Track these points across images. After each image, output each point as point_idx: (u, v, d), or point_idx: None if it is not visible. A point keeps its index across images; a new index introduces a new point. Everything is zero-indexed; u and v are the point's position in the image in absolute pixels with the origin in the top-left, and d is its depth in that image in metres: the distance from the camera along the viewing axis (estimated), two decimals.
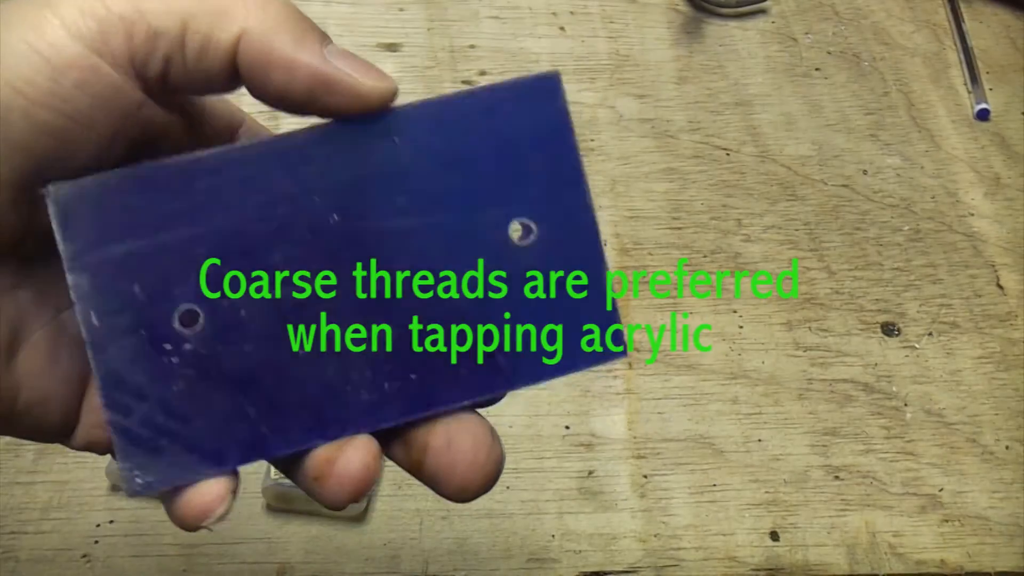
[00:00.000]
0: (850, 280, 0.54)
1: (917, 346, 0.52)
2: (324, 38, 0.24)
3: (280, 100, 0.24)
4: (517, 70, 0.60)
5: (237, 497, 0.25)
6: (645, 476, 0.47)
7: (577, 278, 0.26)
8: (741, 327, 0.52)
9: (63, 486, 0.44)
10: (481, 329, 0.25)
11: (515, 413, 0.48)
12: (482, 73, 0.60)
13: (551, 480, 0.46)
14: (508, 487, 0.45)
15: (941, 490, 0.48)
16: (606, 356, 0.26)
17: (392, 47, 0.61)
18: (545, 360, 0.25)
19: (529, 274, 0.25)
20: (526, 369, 0.25)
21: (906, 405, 0.50)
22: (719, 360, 0.51)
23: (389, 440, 0.26)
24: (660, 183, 0.57)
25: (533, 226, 0.26)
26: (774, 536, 0.46)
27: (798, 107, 0.61)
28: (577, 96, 0.60)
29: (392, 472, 0.45)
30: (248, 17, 0.23)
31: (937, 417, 0.50)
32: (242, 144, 0.24)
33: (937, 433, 0.49)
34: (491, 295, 0.25)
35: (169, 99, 0.24)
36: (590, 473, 0.46)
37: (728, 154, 0.59)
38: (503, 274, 0.25)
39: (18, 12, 0.22)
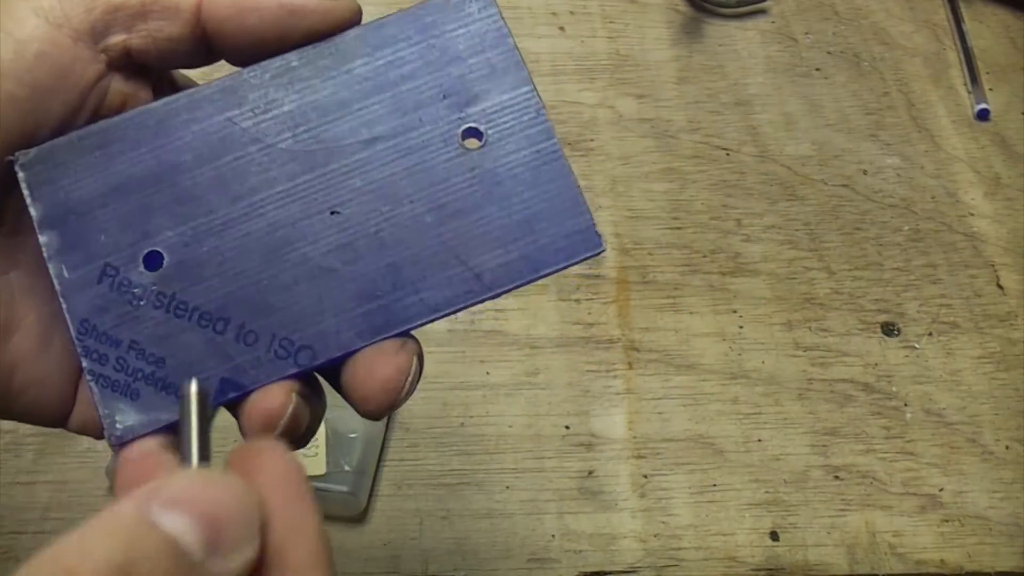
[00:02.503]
0: (850, 280, 0.54)
1: (917, 346, 0.52)
2: None
3: (257, 43, 0.25)
4: None
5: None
6: (645, 476, 0.47)
7: (534, 179, 0.25)
8: (741, 327, 0.52)
9: (63, 486, 0.44)
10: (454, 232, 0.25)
11: (515, 413, 0.48)
12: None
13: (551, 480, 0.46)
14: (508, 487, 0.45)
15: (941, 490, 0.48)
16: (576, 253, 0.25)
17: None
18: (511, 266, 0.25)
19: (485, 181, 0.25)
20: (495, 278, 0.25)
21: (906, 405, 0.50)
22: (719, 360, 0.51)
23: None
24: (660, 183, 0.57)
25: (482, 129, 0.26)
26: (774, 536, 0.46)
27: (798, 107, 0.61)
28: (577, 96, 0.60)
29: (392, 472, 0.45)
30: None
31: (937, 417, 0.50)
32: (189, 90, 0.25)
33: (937, 433, 0.49)
34: (450, 210, 0.25)
35: (137, 72, 0.26)
36: (590, 473, 0.46)
37: (728, 154, 0.59)
38: (458, 184, 0.25)
39: None
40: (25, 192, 0.24)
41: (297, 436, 0.24)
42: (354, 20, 0.26)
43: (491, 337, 0.50)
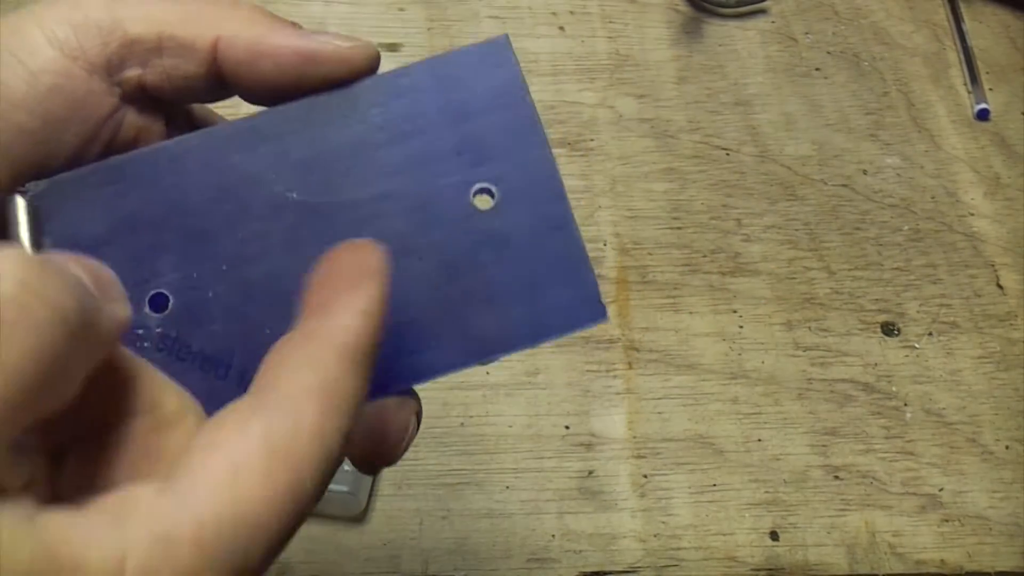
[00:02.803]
0: (850, 280, 0.54)
1: (917, 346, 0.52)
2: (296, 24, 0.25)
3: (273, 88, 0.25)
4: None
5: None
6: (645, 476, 0.47)
7: (542, 244, 0.25)
8: (741, 327, 0.52)
9: None
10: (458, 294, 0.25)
11: (515, 413, 0.48)
12: None
13: (551, 480, 0.46)
14: (508, 487, 0.45)
15: (941, 490, 0.48)
16: (578, 322, 0.25)
17: (392, 47, 0.61)
18: (513, 330, 0.25)
19: (493, 243, 0.25)
20: (497, 343, 0.25)
21: (906, 405, 0.50)
22: (719, 360, 0.51)
23: None
24: (660, 183, 0.57)
25: (494, 189, 0.25)
26: (774, 536, 0.46)
27: (798, 107, 0.61)
28: (577, 96, 0.60)
29: (392, 472, 0.45)
30: (222, 21, 0.24)
31: (937, 417, 0.50)
32: (203, 130, 0.25)
33: (937, 433, 0.49)
34: (456, 269, 0.25)
35: (151, 105, 0.25)
36: (590, 473, 0.46)
37: (728, 154, 0.59)
38: (466, 244, 0.25)
39: (6, 23, 0.23)
40: (34, 224, 0.24)
41: None
42: (372, 68, 0.25)
43: None
